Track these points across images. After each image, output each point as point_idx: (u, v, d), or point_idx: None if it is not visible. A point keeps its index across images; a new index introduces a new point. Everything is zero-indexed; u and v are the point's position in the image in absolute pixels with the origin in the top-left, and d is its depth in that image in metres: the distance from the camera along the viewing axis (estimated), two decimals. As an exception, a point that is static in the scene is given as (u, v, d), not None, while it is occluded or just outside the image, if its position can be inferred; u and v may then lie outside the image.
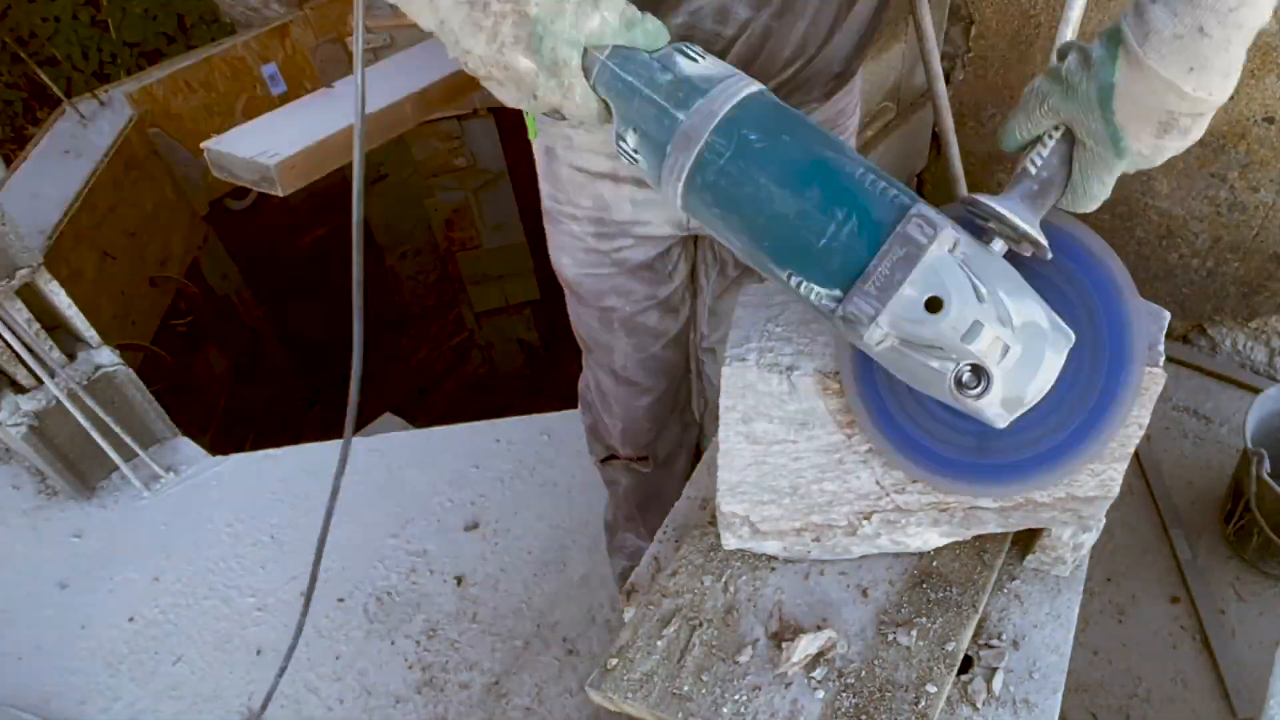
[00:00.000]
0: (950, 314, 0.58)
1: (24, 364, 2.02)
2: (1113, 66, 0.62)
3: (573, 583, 1.91)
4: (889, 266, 0.59)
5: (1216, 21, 0.57)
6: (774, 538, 0.91)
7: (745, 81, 0.66)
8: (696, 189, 0.65)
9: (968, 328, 0.58)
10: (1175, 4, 0.58)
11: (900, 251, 0.59)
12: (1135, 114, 0.62)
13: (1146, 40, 0.59)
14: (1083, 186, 0.68)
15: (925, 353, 0.60)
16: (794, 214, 0.61)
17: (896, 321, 0.59)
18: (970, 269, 0.59)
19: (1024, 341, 0.60)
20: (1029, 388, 0.61)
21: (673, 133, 0.65)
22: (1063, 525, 0.85)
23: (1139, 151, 0.64)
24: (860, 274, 0.60)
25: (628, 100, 0.67)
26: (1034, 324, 0.61)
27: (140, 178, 2.95)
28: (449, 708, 1.74)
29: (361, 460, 2.29)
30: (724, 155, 0.63)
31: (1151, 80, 0.60)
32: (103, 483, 2.29)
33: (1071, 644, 0.84)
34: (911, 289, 0.59)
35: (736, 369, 0.81)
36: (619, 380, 1.36)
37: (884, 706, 0.78)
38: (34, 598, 2.05)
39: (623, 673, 0.84)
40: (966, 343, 0.58)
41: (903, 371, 0.63)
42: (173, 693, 1.83)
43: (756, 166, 0.63)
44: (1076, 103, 0.64)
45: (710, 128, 0.64)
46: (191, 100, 3.16)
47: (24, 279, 1.98)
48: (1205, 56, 0.58)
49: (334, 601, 1.96)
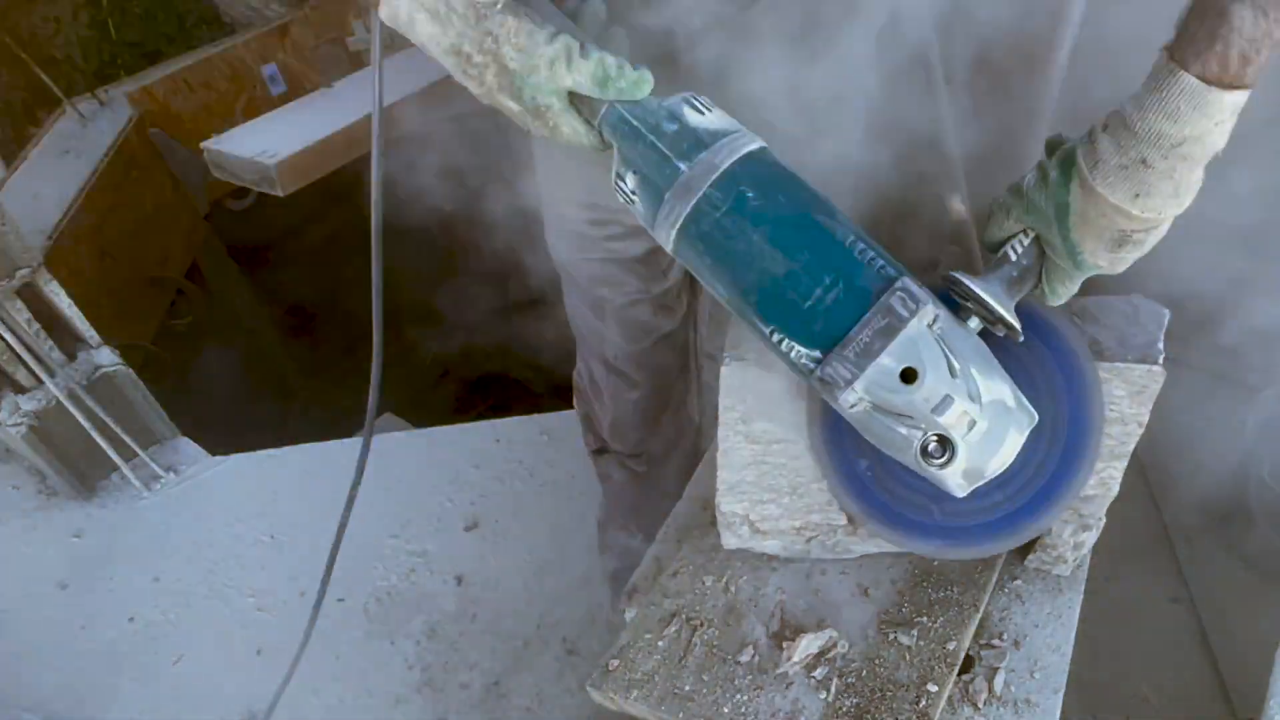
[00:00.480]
0: (924, 386, 0.61)
1: (24, 364, 2.02)
2: (1067, 189, 0.65)
3: (573, 583, 1.91)
4: (869, 335, 0.61)
5: (1159, 155, 0.60)
6: (774, 537, 0.91)
7: (748, 138, 0.68)
8: (690, 238, 0.67)
9: (939, 400, 0.61)
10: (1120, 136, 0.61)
11: (882, 322, 0.61)
12: (1089, 232, 0.65)
13: (1095, 168, 0.63)
14: (1049, 288, 0.72)
15: (895, 420, 0.63)
16: (783, 274, 0.64)
17: (872, 388, 0.62)
18: (946, 345, 0.62)
19: (990, 418, 0.63)
20: (991, 462, 0.64)
21: (673, 182, 0.66)
22: (1063, 524, 0.85)
23: (1096, 264, 0.67)
24: (841, 339, 0.62)
25: (632, 144, 0.69)
26: (1001, 402, 0.64)
27: (140, 178, 2.96)
28: (449, 708, 1.74)
29: (361, 460, 2.29)
30: (720, 209, 0.65)
31: (1101, 204, 0.63)
32: (103, 483, 2.29)
33: (1072, 644, 0.84)
34: (889, 359, 0.61)
35: (735, 369, 0.81)
36: (610, 370, 1.36)
37: (885, 706, 0.78)
38: (34, 598, 2.05)
39: (624, 673, 0.84)
40: (936, 415, 0.61)
41: (871, 434, 0.66)
42: (173, 693, 1.83)
43: (751, 223, 0.64)
44: (1036, 217, 0.68)
45: (709, 180, 0.65)
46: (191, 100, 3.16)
47: (24, 279, 1.98)
48: (1150, 184, 0.61)
49: (334, 602, 1.96)
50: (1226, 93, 0.57)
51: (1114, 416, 0.79)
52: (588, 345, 1.38)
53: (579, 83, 0.68)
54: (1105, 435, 0.80)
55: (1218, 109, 0.58)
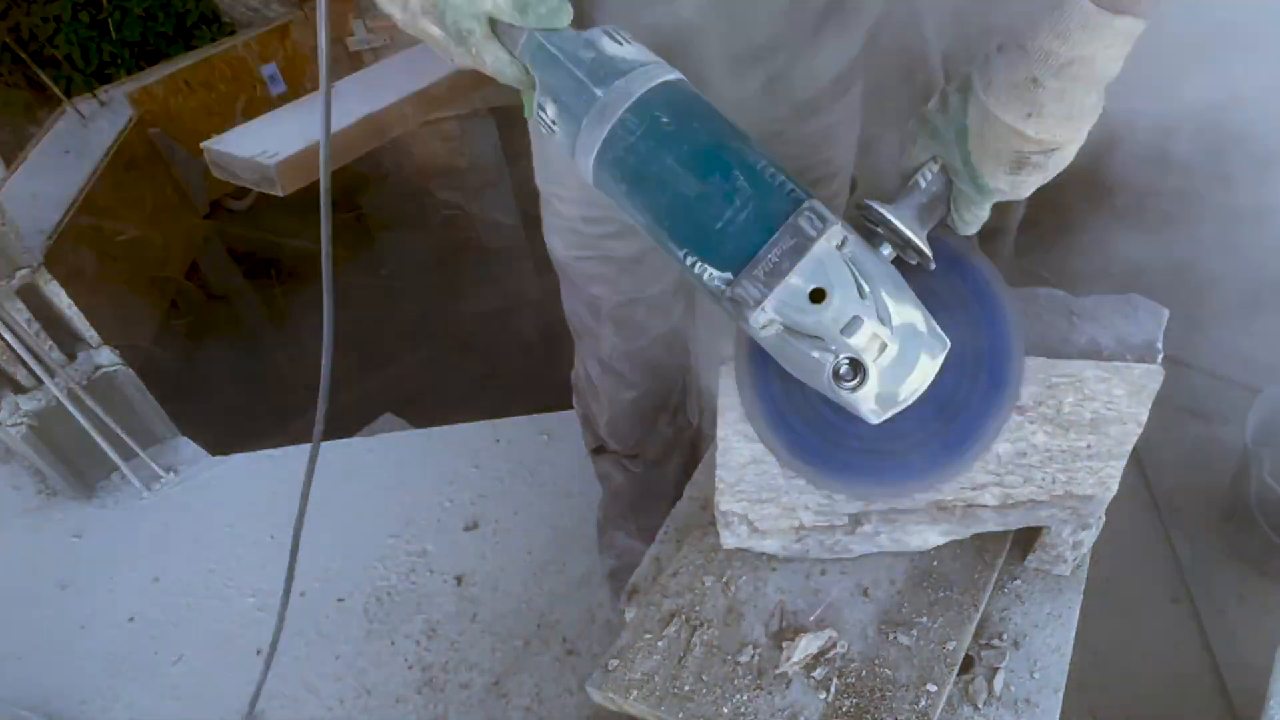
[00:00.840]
0: (832, 305, 0.61)
1: (24, 364, 2.02)
2: (964, 111, 0.67)
3: (573, 583, 1.91)
4: (778, 255, 0.62)
5: (1049, 74, 0.61)
6: (773, 536, 0.91)
7: (665, 69, 0.69)
8: (606, 164, 0.68)
9: (847, 321, 0.62)
10: (1012, 54, 0.63)
11: (790, 241, 0.62)
12: (988, 154, 0.66)
13: (988, 88, 0.64)
14: (957, 214, 0.73)
15: (807, 342, 0.63)
16: (694, 196, 0.64)
17: (781, 308, 0.62)
18: (855, 266, 0.62)
19: (901, 341, 0.63)
20: (903, 386, 0.64)
21: (589, 107, 0.67)
22: (1062, 524, 0.85)
23: (998, 188, 0.68)
24: (751, 259, 0.63)
25: (551, 71, 0.69)
26: (912, 325, 0.64)
27: (140, 178, 2.96)
28: (449, 708, 1.74)
29: (361, 460, 2.29)
30: (634, 133, 0.66)
31: (995, 125, 0.64)
32: (103, 483, 2.29)
33: (1072, 644, 0.84)
34: (798, 278, 0.62)
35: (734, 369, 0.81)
36: (605, 370, 1.36)
37: (885, 706, 0.78)
38: (34, 598, 2.05)
39: (623, 673, 0.84)
40: (846, 335, 0.62)
41: (785, 359, 0.66)
42: (173, 693, 1.83)
43: (663, 147, 0.65)
44: (939, 143, 0.70)
45: (625, 106, 0.66)
46: (191, 100, 3.16)
47: (24, 279, 1.98)
48: (1041, 103, 0.62)
49: (334, 601, 1.96)
50: (1117, 17, 0.59)
51: (1113, 416, 0.79)
52: (584, 344, 1.38)
53: (499, 7, 0.68)
54: (1105, 435, 0.80)
55: (1109, 33, 0.59)
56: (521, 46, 0.70)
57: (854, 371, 0.63)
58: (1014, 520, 0.86)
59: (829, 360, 0.63)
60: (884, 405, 0.65)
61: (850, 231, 0.64)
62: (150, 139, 3.03)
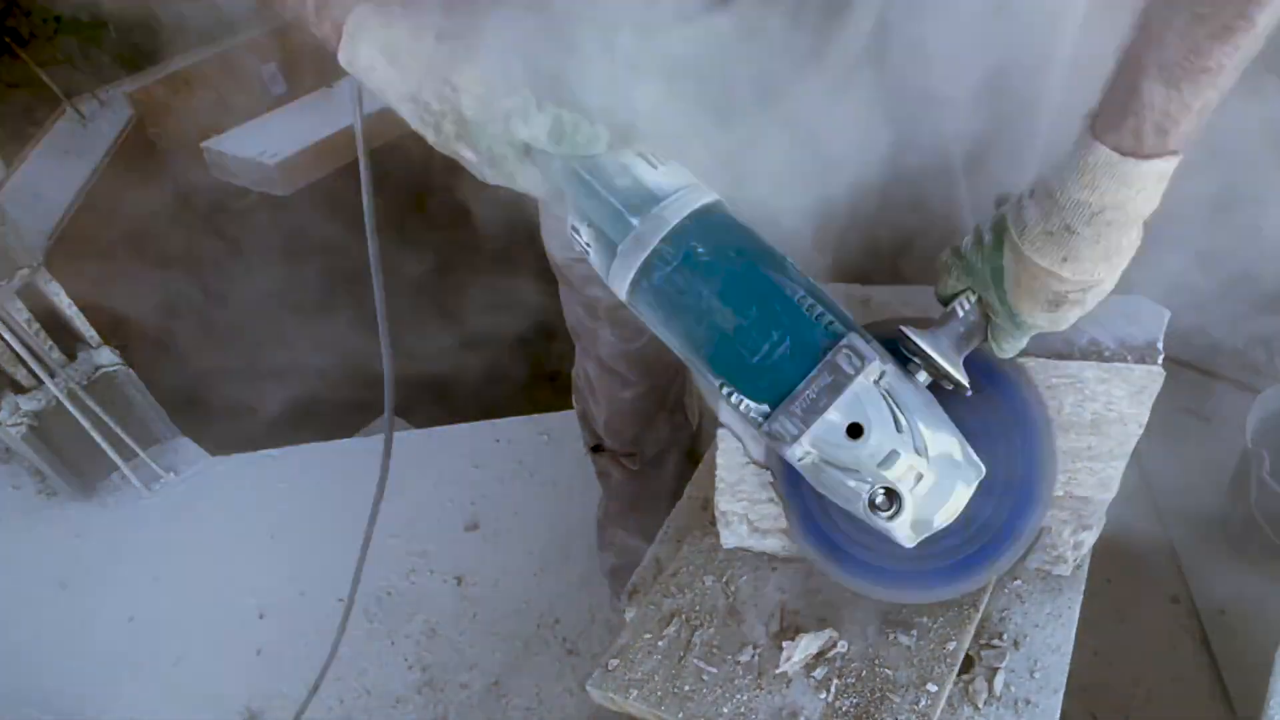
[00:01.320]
0: (870, 441, 0.62)
1: (24, 364, 2.02)
2: (1000, 254, 0.67)
3: (573, 583, 1.91)
4: (815, 391, 0.62)
5: (1082, 222, 0.61)
6: (773, 536, 0.91)
7: (701, 192, 0.68)
8: (642, 292, 0.68)
9: (885, 455, 0.62)
10: (1045, 204, 0.62)
11: (828, 379, 0.62)
12: (1025, 295, 0.67)
13: (1023, 235, 0.64)
14: (995, 344, 0.73)
15: (844, 473, 0.64)
16: (731, 329, 0.64)
17: (818, 443, 0.63)
18: (893, 399, 0.63)
19: (937, 471, 0.64)
20: (938, 515, 0.65)
21: (624, 236, 0.67)
22: (1062, 524, 0.85)
23: (1035, 324, 0.69)
24: (789, 394, 0.63)
25: (585, 198, 0.69)
26: (948, 456, 0.65)
27: (140, 178, 2.96)
28: (449, 708, 1.74)
29: (361, 460, 2.29)
30: (670, 264, 0.65)
31: (1031, 268, 0.64)
32: (103, 483, 2.29)
33: (1072, 644, 0.84)
34: (835, 414, 0.62)
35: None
36: (603, 369, 1.37)
37: (885, 706, 0.78)
38: (34, 598, 2.05)
39: (624, 672, 0.84)
40: (883, 469, 0.62)
41: (821, 485, 0.67)
42: (173, 693, 1.83)
43: (700, 279, 0.65)
44: (975, 279, 0.70)
45: (660, 236, 0.66)
46: (191, 100, 3.16)
47: (24, 279, 1.98)
48: (1077, 249, 0.62)
49: (334, 602, 1.96)
50: (1144, 162, 0.58)
51: (1114, 416, 0.79)
52: (583, 345, 1.39)
53: (535, 137, 0.67)
54: (1105, 436, 0.80)
55: (1136, 178, 0.59)
56: (556, 170, 0.70)
57: (890, 501, 0.64)
58: (1014, 520, 0.86)
59: (865, 490, 0.63)
60: (919, 531, 0.65)
61: (889, 363, 0.64)
62: (150, 139, 3.03)
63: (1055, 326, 0.69)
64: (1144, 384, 0.77)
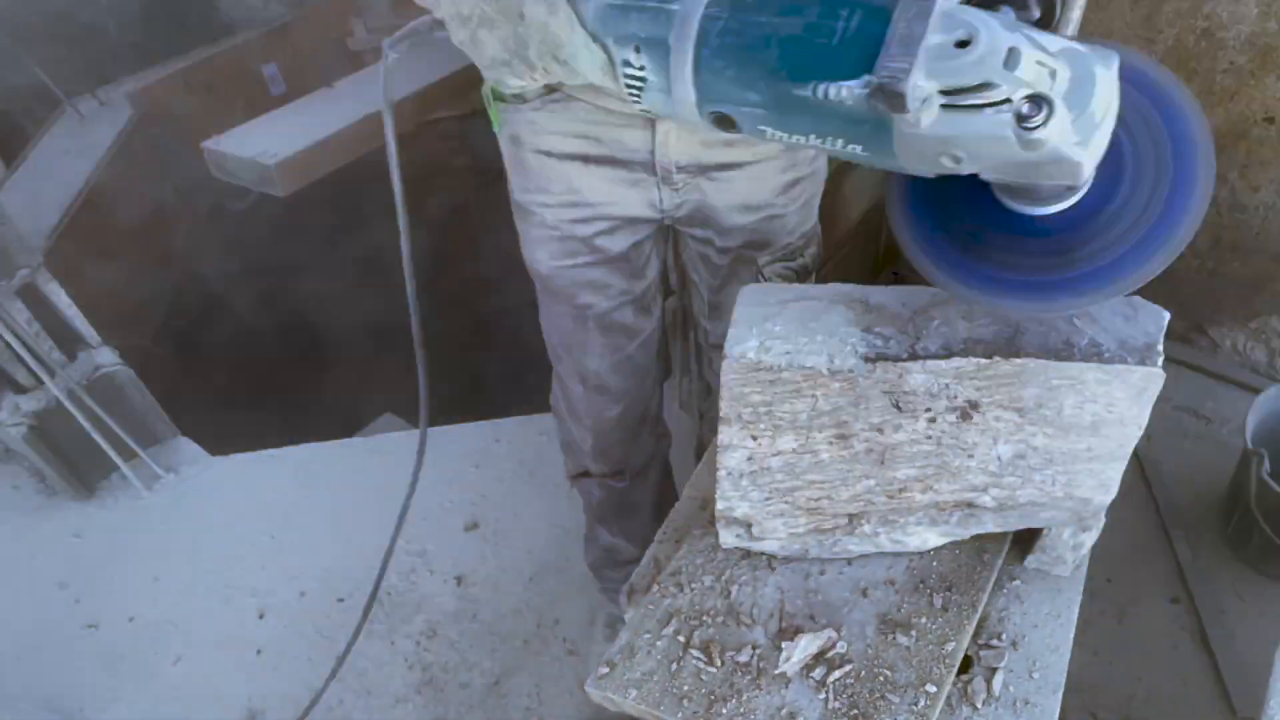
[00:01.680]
0: (982, 42, 0.57)
1: (24, 364, 2.02)
2: None
3: (573, 583, 1.91)
4: (906, 26, 0.59)
5: None
6: (772, 536, 0.91)
7: None
8: (707, 62, 0.69)
9: (1006, 54, 0.57)
10: None
11: (912, 9, 0.60)
12: None
13: None
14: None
15: (975, 110, 0.59)
16: (802, 30, 0.65)
17: (933, 68, 0.58)
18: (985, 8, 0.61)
19: (1068, 63, 0.59)
20: (1093, 103, 0.59)
21: (671, 24, 0.69)
22: (1062, 525, 0.85)
23: None
24: (881, 47, 0.60)
25: (623, 20, 0.72)
26: (1071, 47, 0.60)
27: (140, 178, 2.96)
28: (449, 708, 1.74)
29: (361, 460, 2.29)
30: (722, 18, 0.68)
31: None
32: (103, 483, 2.29)
33: (1071, 644, 0.84)
34: (936, 35, 0.58)
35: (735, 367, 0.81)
36: (589, 388, 1.34)
37: (884, 706, 0.78)
38: (34, 598, 2.05)
39: (623, 672, 0.84)
40: (1010, 69, 0.57)
41: (961, 144, 0.61)
42: (173, 693, 1.83)
43: (753, 12, 0.67)
44: None
45: (703, 2, 0.68)
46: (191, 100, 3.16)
47: (24, 279, 1.98)
48: None
49: (334, 601, 1.96)
50: None
51: (1114, 418, 0.79)
52: (564, 365, 1.36)
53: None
54: (1105, 437, 0.79)
55: None
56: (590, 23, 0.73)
57: (1037, 106, 0.57)
58: (1013, 522, 0.86)
59: (1008, 112, 0.58)
60: (1084, 132, 0.59)
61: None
62: (150, 139, 3.03)
63: None
64: (1144, 385, 0.77)
